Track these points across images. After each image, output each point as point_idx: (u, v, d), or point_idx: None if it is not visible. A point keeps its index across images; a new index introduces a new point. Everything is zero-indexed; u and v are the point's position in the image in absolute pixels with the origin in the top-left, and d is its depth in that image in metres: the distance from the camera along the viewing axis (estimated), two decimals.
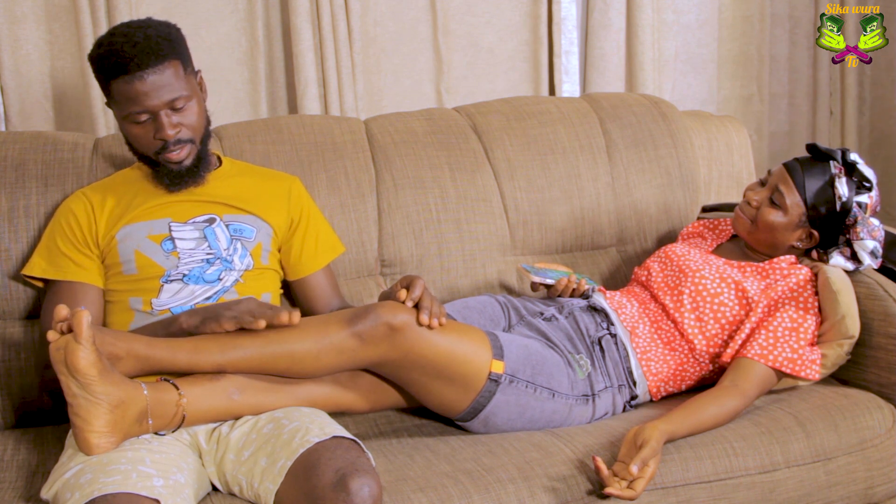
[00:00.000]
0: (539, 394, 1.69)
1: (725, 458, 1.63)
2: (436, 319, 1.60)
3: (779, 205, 1.86)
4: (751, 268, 1.88)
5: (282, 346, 1.57)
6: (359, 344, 1.58)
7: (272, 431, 1.51)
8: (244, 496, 1.49)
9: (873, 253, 1.85)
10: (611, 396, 1.77)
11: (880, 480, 1.73)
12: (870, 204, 1.85)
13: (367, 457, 1.46)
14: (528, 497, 1.53)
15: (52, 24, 2.30)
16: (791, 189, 1.85)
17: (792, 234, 1.88)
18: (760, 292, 1.82)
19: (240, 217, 1.81)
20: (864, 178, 1.85)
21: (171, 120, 1.69)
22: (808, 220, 1.86)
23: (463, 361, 1.63)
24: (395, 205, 2.11)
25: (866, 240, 1.84)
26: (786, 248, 1.90)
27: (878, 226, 1.86)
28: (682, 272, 1.88)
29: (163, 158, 1.73)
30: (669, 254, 1.96)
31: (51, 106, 2.34)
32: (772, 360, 1.74)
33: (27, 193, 1.92)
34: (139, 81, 1.65)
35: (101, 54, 1.68)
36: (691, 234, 2.12)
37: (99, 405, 1.42)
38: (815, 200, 1.84)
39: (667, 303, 1.86)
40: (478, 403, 1.66)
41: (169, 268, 1.73)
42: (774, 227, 1.87)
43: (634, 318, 1.86)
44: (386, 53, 2.55)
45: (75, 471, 1.39)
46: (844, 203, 1.83)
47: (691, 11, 2.85)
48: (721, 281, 1.84)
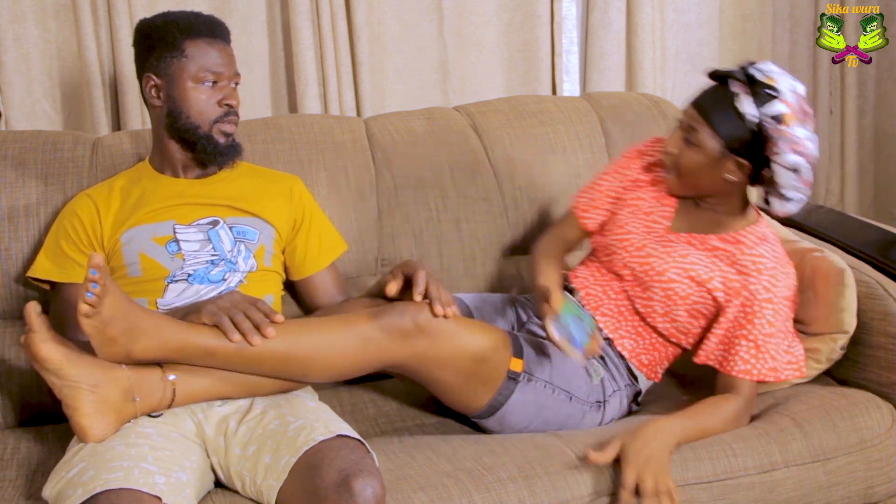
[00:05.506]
0: (557, 395, 1.69)
1: (725, 459, 1.64)
2: (449, 308, 1.59)
3: (695, 143, 1.70)
4: (718, 251, 1.74)
5: (308, 336, 1.55)
6: (386, 338, 1.56)
7: (278, 428, 1.51)
8: (246, 493, 1.49)
9: (795, 169, 1.65)
10: (618, 399, 1.78)
11: (880, 480, 1.73)
12: (788, 112, 1.63)
13: (372, 457, 1.46)
14: (528, 496, 1.53)
15: (53, 23, 2.30)
16: (702, 123, 1.69)
17: (719, 170, 1.70)
18: (733, 292, 1.71)
19: (243, 219, 1.82)
20: (766, 87, 1.64)
21: (235, 92, 1.79)
22: (731, 150, 1.68)
23: (484, 359, 1.62)
24: (395, 205, 2.11)
25: (786, 154, 1.64)
26: (724, 186, 1.72)
27: (804, 137, 1.64)
28: (646, 274, 1.77)
29: (217, 129, 1.78)
30: (627, 246, 1.81)
31: (51, 106, 2.34)
32: (755, 373, 1.70)
33: (27, 193, 1.92)
34: (221, 46, 1.78)
35: (181, 17, 1.78)
36: (650, 165, 1.88)
37: (78, 388, 1.45)
38: (725, 128, 1.67)
39: (638, 307, 1.79)
40: (496, 401, 1.66)
41: (174, 269, 1.73)
42: (697, 168, 1.71)
43: (613, 311, 1.81)
44: (388, 53, 2.55)
45: (78, 469, 1.40)
46: (752, 121, 1.64)
47: (692, 10, 2.85)
48: (690, 280, 1.74)
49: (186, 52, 1.74)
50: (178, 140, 1.80)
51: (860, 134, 3.06)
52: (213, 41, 1.76)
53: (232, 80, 1.79)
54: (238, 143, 1.82)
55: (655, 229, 1.80)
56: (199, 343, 1.50)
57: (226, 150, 1.79)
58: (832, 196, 3.08)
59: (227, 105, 1.77)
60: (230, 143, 1.80)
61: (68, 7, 2.29)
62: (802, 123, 1.65)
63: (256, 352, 1.52)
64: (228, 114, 1.78)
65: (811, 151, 1.65)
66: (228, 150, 1.80)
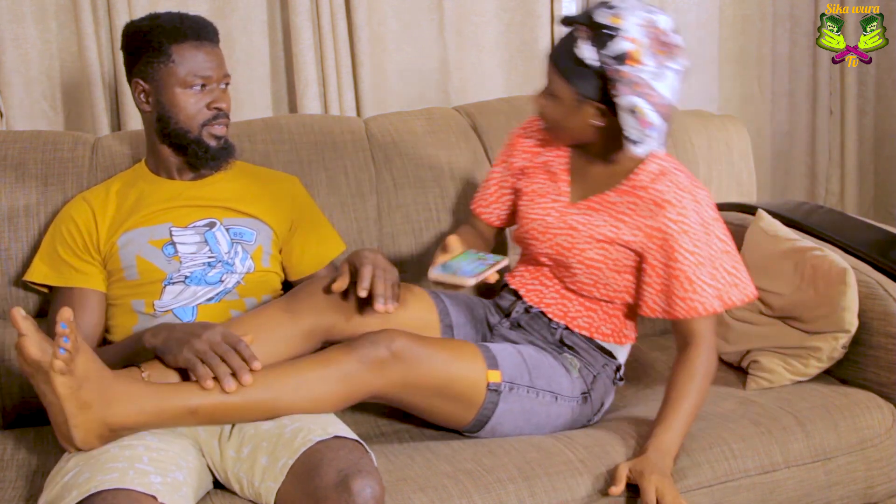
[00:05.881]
0: (542, 398, 1.69)
1: (724, 461, 1.63)
2: (391, 304, 1.58)
3: (553, 95, 1.67)
4: (619, 205, 1.70)
5: (289, 379, 1.53)
6: (365, 370, 1.54)
7: (273, 430, 1.50)
8: (244, 494, 1.49)
9: (632, 110, 1.59)
10: (601, 384, 1.76)
11: (880, 480, 1.73)
12: (634, 49, 1.56)
13: (370, 457, 1.46)
14: (528, 497, 1.53)
15: (53, 23, 2.29)
16: (554, 74, 1.66)
17: (582, 117, 1.66)
18: (647, 237, 1.67)
19: (240, 220, 1.81)
20: (605, 28, 1.57)
21: (225, 94, 1.77)
22: (585, 97, 1.63)
23: (460, 377, 1.61)
24: (395, 204, 2.11)
25: (624, 95, 1.57)
26: (591, 132, 1.68)
27: (647, 78, 1.57)
28: (561, 255, 1.75)
29: (207, 132, 1.75)
30: (535, 235, 1.79)
31: (50, 106, 2.34)
32: (700, 308, 1.65)
33: (27, 193, 1.92)
34: (208, 50, 1.74)
35: (167, 20, 1.74)
36: (534, 145, 1.86)
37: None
38: (573, 75, 1.63)
39: (570, 286, 1.77)
40: (482, 415, 1.66)
41: (171, 271, 1.73)
42: (562, 118, 1.68)
43: (556, 298, 1.79)
44: (389, 53, 2.55)
45: (73, 473, 1.39)
46: (593, 65, 1.59)
47: (691, 10, 2.85)
48: (601, 244, 1.70)
49: (173, 57, 1.72)
50: (169, 144, 1.78)
51: (860, 134, 3.06)
52: (199, 44, 1.73)
53: (221, 81, 1.76)
54: (231, 145, 1.80)
55: (556, 208, 1.78)
56: (178, 404, 1.45)
57: (218, 152, 1.77)
58: (832, 196, 3.08)
59: (216, 108, 1.75)
60: (222, 146, 1.78)
61: (68, 7, 2.29)
62: (656, 57, 1.58)
63: (239, 403, 1.48)
64: (217, 117, 1.76)
65: (659, 89, 1.58)
66: (220, 153, 1.78)
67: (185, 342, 1.49)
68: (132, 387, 1.45)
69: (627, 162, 1.72)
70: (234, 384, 1.46)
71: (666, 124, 1.63)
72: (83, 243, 1.77)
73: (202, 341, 1.49)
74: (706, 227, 1.67)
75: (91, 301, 1.76)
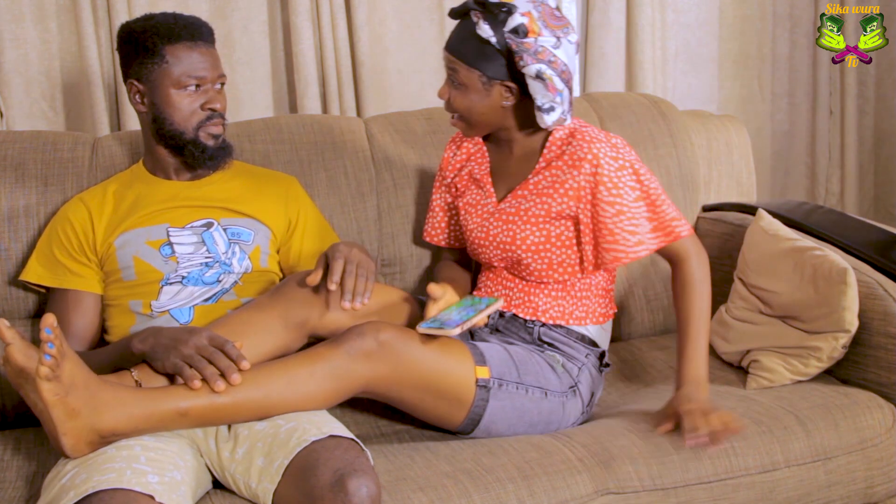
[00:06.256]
0: (532, 394, 1.69)
1: (725, 459, 1.63)
2: (358, 300, 1.57)
3: (460, 83, 1.70)
4: (541, 184, 1.74)
5: (279, 377, 1.52)
6: (353, 362, 1.54)
7: (268, 430, 1.50)
8: (243, 494, 1.49)
9: (539, 77, 1.64)
10: (587, 372, 1.77)
11: (880, 480, 1.73)
12: (527, 22, 1.64)
13: (366, 456, 1.46)
14: (527, 497, 1.53)
15: (52, 23, 2.30)
16: (457, 62, 1.69)
17: (493, 100, 1.71)
18: (574, 198, 1.71)
19: (237, 220, 1.81)
20: (498, 6, 1.64)
21: (221, 94, 1.77)
22: (492, 78, 1.68)
23: (448, 372, 1.61)
24: (395, 205, 2.11)
25: (530, 65, 1.63)
26: (503, 114, 1.73)
27: (551, 45, 1.65)
28: (507, 254, 1.78)
29: (203, 132, 1.75)
30: (479, 244, 1.83)
31: (50, 106, 2.34)
32: (624, 258, 1.70)
33: (27, 193, 1.92)
34: (202, 50, 1.74)
35: (161, 20, 1.73)
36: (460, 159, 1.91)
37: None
38: (476, 59, 1.67)
39: (529, 279, 1.79)
40: (474, 413, 1.66)
41: (168, 272, 1.73)
42: (472, 105, 1.71)
43: (521, 297, 1.80)
44: (389, 53, 2.55)
45: (70, 474, 1.39)
46: (495, 43, 1.65)
47: (691, 10, 2.85)
48: (536, 226, 1.74)
49: (167, 58, 1.71)
50: (165, 145, 1.78)
51: (860, 134, 3.06)
52: (194, 45, 1.73)
53: (216, 82, 1.76)
54: (229, 144, 1.80)
55: (488, 211, 1.82)
56: (167, 407, 1.45)
57: (215, 152, 1.77)
58: (832, 196, 3.08)
59: (211, 109, 1.75)
60: (219, 145, 1.78)
61: (68, 7, 2.29)
62: (551, 29, 1.66)
63: (229, 403, 1.48)
64: (212, 117, 1.75)
65: (560, 57, 1.66)
66: (218, 153, 1.78)
67: (172, 348, 1.49)
68: (120, 392, 1.44)
69: (538, 141, 1.78)
70: (224, 384, 1.46)
71: (569, 91, 1.70)
72: (79, 245, 1.77)
73: (188, 346, 1.49)
74: (623, 173, 1.71)
75: (85, 303, 1.76)
